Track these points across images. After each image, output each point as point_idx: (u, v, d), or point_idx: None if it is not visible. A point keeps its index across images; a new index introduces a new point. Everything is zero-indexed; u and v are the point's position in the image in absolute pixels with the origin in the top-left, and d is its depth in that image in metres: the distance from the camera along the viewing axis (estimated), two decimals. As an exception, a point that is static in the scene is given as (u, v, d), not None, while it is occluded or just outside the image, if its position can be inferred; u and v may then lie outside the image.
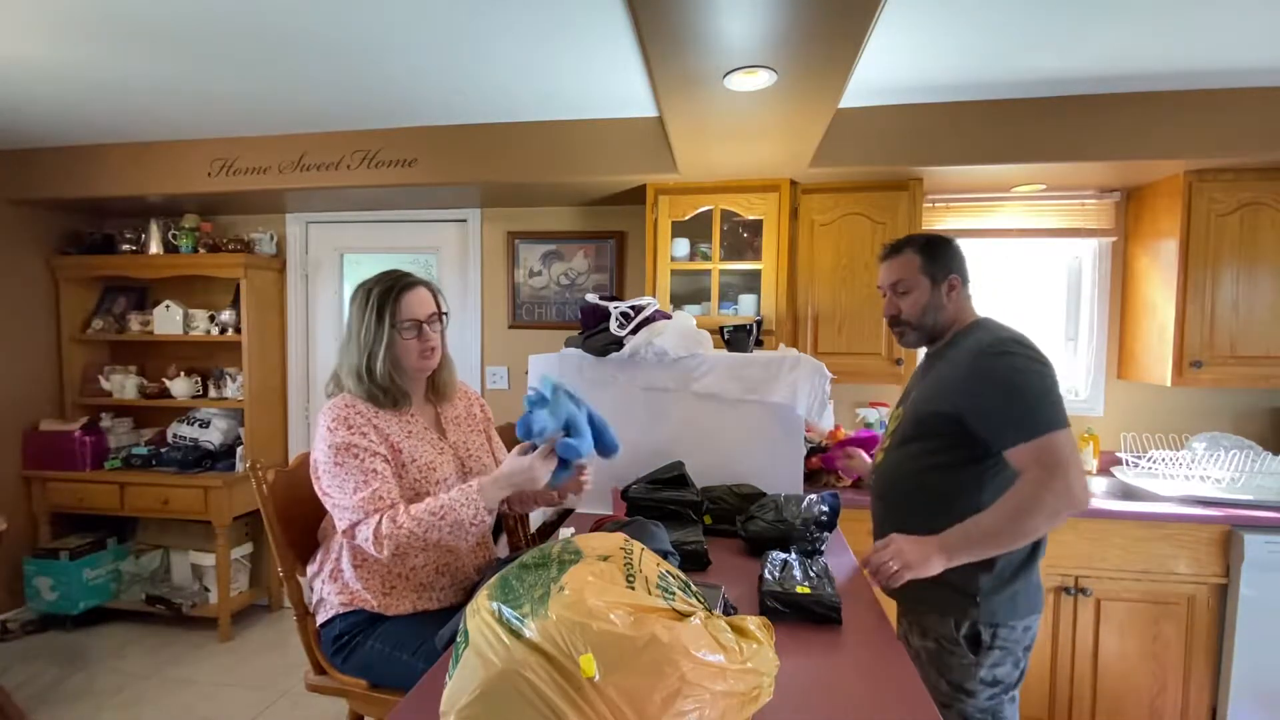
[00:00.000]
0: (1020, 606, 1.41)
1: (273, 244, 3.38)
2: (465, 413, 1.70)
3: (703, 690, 0.71)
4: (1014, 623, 1.40)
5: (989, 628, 1.40)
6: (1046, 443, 1.27)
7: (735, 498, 1.78)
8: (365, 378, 1.47)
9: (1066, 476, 1.25)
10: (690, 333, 1.99)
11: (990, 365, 1.36)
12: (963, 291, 1.53)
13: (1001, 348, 1.37)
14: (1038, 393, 1.31)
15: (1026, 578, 1.42)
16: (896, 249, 1.57)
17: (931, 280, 1.52)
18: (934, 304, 1.52)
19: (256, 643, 3.12)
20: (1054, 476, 1.25)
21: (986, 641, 1.40)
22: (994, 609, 1.39)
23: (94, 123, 2.75)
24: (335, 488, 1.40)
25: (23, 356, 3.23)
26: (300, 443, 3.47)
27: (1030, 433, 1.29)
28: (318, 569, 1.54)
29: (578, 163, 2.67)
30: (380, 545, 1.35)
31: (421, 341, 1.51)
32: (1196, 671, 2.25)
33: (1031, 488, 1.27)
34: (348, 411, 1.45)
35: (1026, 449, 1.29)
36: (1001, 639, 1.40)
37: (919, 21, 1.83)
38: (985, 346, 1.39)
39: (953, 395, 1.41)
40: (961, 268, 1.53)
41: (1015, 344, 1.37)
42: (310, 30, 1.93)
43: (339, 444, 1.40)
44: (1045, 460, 1.26)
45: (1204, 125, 2.28)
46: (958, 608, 1.41)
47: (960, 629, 1.41)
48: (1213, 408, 2.77)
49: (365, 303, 1.48)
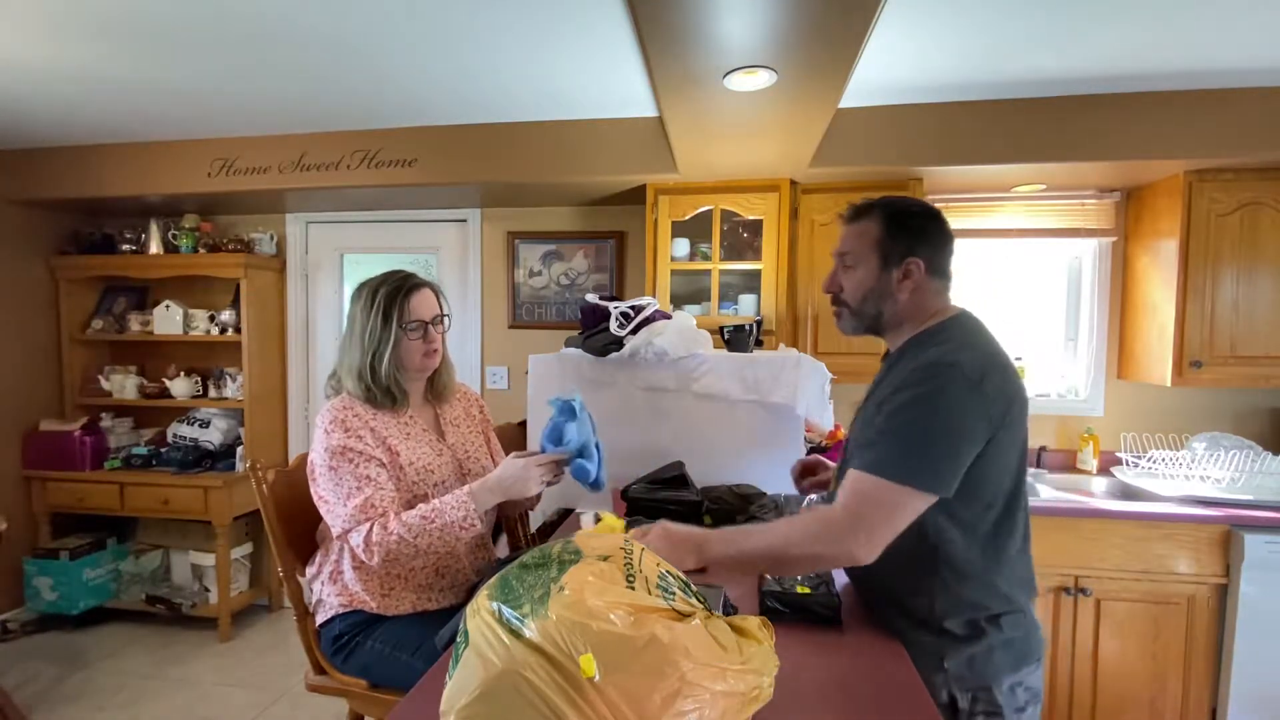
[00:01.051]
0: (1002, 662, 1.13)
1: (273, 244, 3.38)
2: (464, 414, 1.70)
3: (703, 690, 0.70)
4: (1001, 680, 1.13)
5: (965, 693, 1.13)
6: (874, 486, 1.05)
7: (735, 498, 1.77)
8: (367, 377, 1.47)
9: (863, 532, 1.04)
10: (690, 333, 1.99)
11: (926, 378, 1.09)
12: (927, 281, 1.21)
13: (931, 371, 1.09)
14: (922, 435, 1.06)
15: (1013, 624, 1.14)
16: (860, 212, 1.26)
17: (883, 260, 1.21)
18: (880, 289, 1.22)
19: (256, 643, 3.12)
20: (852, 524, 1.05)
21: (965, 708, 1.13)
22: (966, 671, 1.13)
23: (94, 123, 2.74)
24: (330, 493, 1.41)
25: (23, 356, 3.23)
26: (300, 443, 3.47)
27: (869, 466, 1.07)
28: (317, 570, 1.54)
29: (578, 163, 2.67)
30: (370, 552, 1.35)
31: (426, 343, 1.52)
32: (1196, 671, 2.25)
33: (812, 522, 1.09)
34: (345, 414, 1.45)
35: (853, 476, 1.09)
36: (984, 704, 1.13)
37: (919, 21, 1.83)
38: (932, 360, 1.11)
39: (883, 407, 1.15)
40: (933, 250, 1.21)
41: (949, 370, 1.08)
42: (310, 30, 1.93)
43: (334, 448, 1.41)
44: (855, 500, 1.07)
45: (1204, 125, 2.28)
46: (924, 675, 1.07)
47: (935, 696, 1.07)
48: (1213, 408, 2.77)
49: (371, 302, 1.48)
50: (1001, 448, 1.10)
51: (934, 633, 1.15)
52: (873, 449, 1.10)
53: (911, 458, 1.06)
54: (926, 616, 1.15)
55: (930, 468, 1.06)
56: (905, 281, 1.21)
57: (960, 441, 1.07)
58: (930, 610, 1.15)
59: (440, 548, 1.39)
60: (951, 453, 1.06)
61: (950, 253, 1.25)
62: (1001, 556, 1.16)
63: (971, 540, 1.14)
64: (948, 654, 1.13)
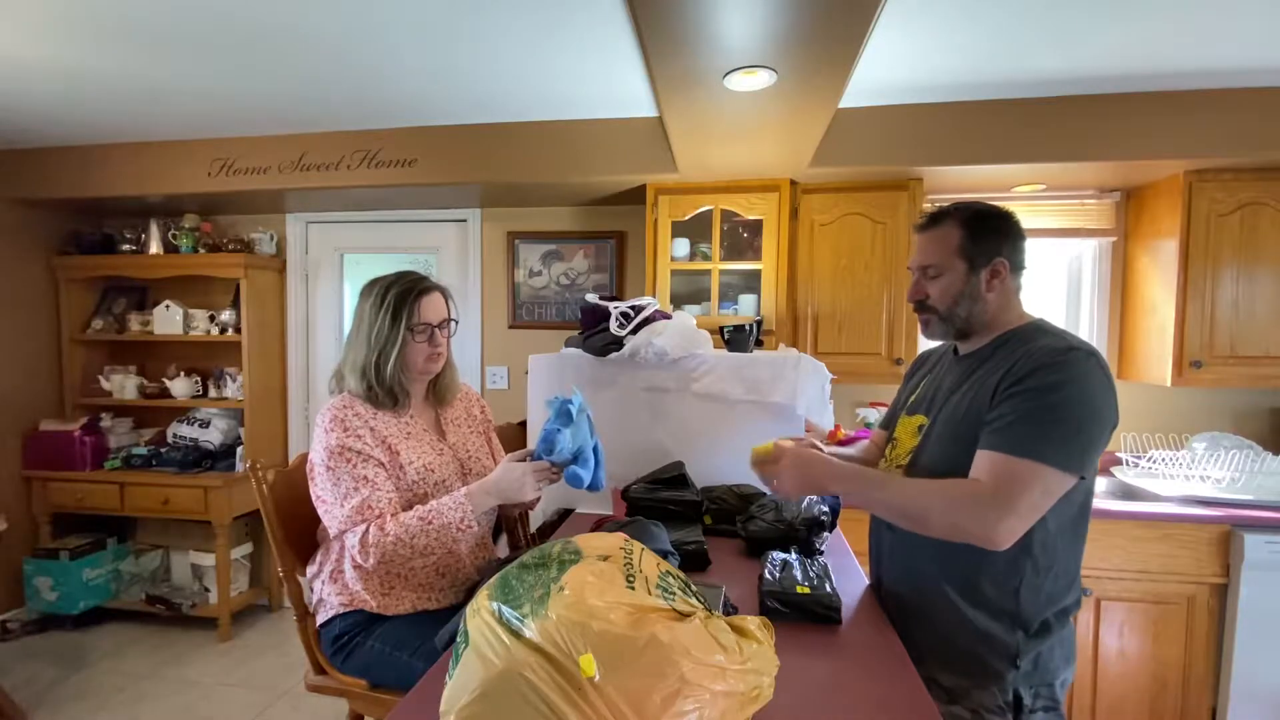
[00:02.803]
0: (1060, 658, 1.19)
1: (273, 244, 3.38)
2: (465, 414, 1.70)
3: (703, 690, 0.71)
4: (1060, 676, 1.20)
5: (1030, 689, 1.17)
6: (1028, 469, 1.05)
7: (735, 498, 1.77)
8: (371, 375, 1.47)
9: (1006, 510, 1.04)
10: (690, 333, 1.99)
11: (1059, 368, 1.10)
12: (1011, 282, 1.24)
13: (1072, 357, 1.11)
14: (1084, 422, 1.07)
15: (1065, 623, 1.19)
16: (936, 219, 1.28)
17: (969, 264, 1.23)
18: (970, 293, 1.24)
19: (256, 643, 3.12)
20: (995, 502, 1.05)
21: (1029, 704, 1.17)
22: (1033, 666, 1.16)
23: (94, 123, 2.75)
24: (327, 494, 1.41)
25: (23, 356, 3.23)
26: (300, 443, 3.47)
27: (1015, 448, 1.07)
28: (317, 570, 1.54)
29: (578, 163, 2.67)
30: (366, 553, 1.36)
31: (431, 345, 1.52)
32: (1196, 671, 2.25)
33: (960, 493, 1.09)
34: (345, 413, 1.45)
35: (1003, 460, 1.07)
36: (1045, 698, 1.18)
37: (919, 21, 1.83)
38: (1058, 351, 1.12)
39: (990, 394, 1.16)
40: (1014, 249, 1.24)
41: (1089, 358, 1.11)
42: (310, 30, 1.93)
43: (333, 447, 1.41)
44: (1005, 483, 1.06)
45: (1204, 125, 2.28)
46: (994, 673, 1.17)
47: (1002, 695, 1.17)
48: (1213, 408, 2.77)
49: (381, 302, 1.48)
50: None
51: (1011, 627, 1.16)
52: (1012, 430, 1.09)
53: (1059, 439, 1.06)
54: (1010, 609, 1.16)
55: (1079, 450, 1.07)
56: (994, 281, 1.23)
57: (1104, 426, 1.09)
58: (1015, 603, 1.16)
59: (437, 549, 1.40)
60: (1096, 436, 1.09)
61: (1025, 249, 1.27)
62: (1075, 549, 1.19)
63: (1058, 531, 1.15)
64: (1022, 651, 1.16)
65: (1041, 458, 1.05)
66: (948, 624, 1.20)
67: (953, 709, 1.19)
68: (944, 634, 1.20)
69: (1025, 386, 1.11)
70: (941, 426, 1.26)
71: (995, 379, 1.16)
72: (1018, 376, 1.13)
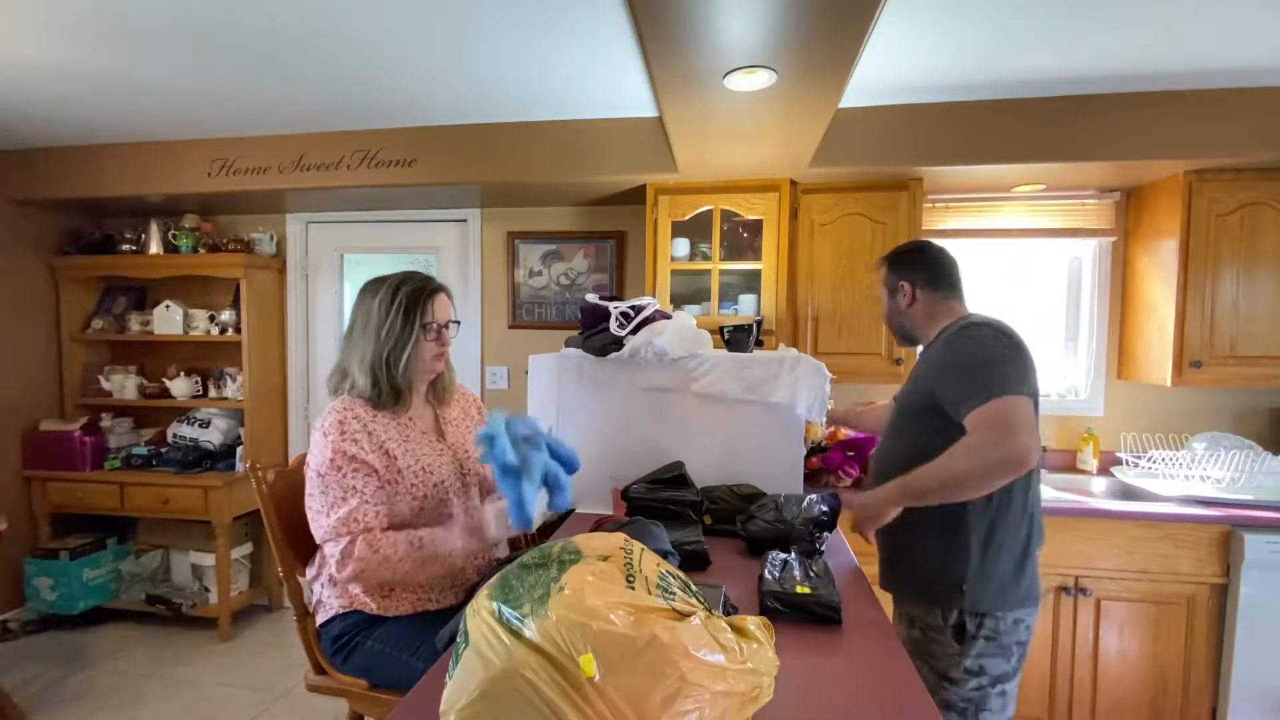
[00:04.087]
0: (1009, 598, 1.43)
1: (273, 244, 3.38)
2: (463, 414, 1.71)
3: (703, 690, 0.70)
4: (1002, 614, 1.42)
5: (974, 617, 1.43)
6: (995, 405, 1.29)
7: (735, 498, 1.77)
8: (381, 372, 1.48)
9: (1011, 436, 1.26)
10: (690, 333, 1.99)
11: (953, 343, 1.45)
12: (927, 296, 1.60)
13: (967, 330, 1.45)
14: (992, 361, 1.35)
15: (1019, 569, 1.44)
16: (881, 263, 1.73)
17: (890, 292, 1.67)
18: (895, 310, 1.68)
19: (256, 643, 3.12)
20: (998, 436, 1.27)
21: (971, 631, 1.43)
22: (978, 597, 1.42)
23: (94, 123, 2.75)
24: (316, 500, 1.42)
25: (23, 356, 3.23)
26: (300, 443, 3.47)
27: (981, 397, 1.31)
28: (317, 571, 1.54)
29: (578, 163, 2.67)
30: (344, 564, 1.36)
31: (439, 345, 1.54)
32: (1196, 671, 2.25)
33: (969, 447, 1.30)
34: (344, 416, 1.45)
35: (976, 413, 1.31)
36: (989, 629, 1.42)
37: (919, 21, 1.83)
38: (953, 331, 1.48)
39: (927, 379, 1.49)
40: (917, 271, 1.62)
41: (981, 325, 1.44)
42: (310, 30, 1.93)
43: (327, 455, 1.41)
44: (991, 421, 1.29)
45: (1204, 125, 2.28)
46: (942, 596, 1.45)
47: (947, 618, 1.45)
48: (1213, 408, 2.77)
49: (392, 300, 1.49)
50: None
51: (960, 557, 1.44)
52: (963, 396, 1.35)
53: (995, 376, 1.33)
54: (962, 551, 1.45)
55: (1009, 376, 1.33)
56: (908, 302, 1.63)
57: (1004, 359, 1.36)
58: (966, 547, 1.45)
59: (417, 577, 1.41)
60: (1009, 365, 1.35)
61: (941, 268, 1.62)
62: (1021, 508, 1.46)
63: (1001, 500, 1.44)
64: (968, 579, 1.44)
65: (993, 393, 1.31)
66: (916, 558, 1.51)
67: (912, 633, 1.51)
68: (912, 566, 1.53)
69: (946, 365, 1.45)
70: (897, 403, 1.66)
71: (923, 369, 1.54)
72: (939, 365, 1.47)
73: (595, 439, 1.98)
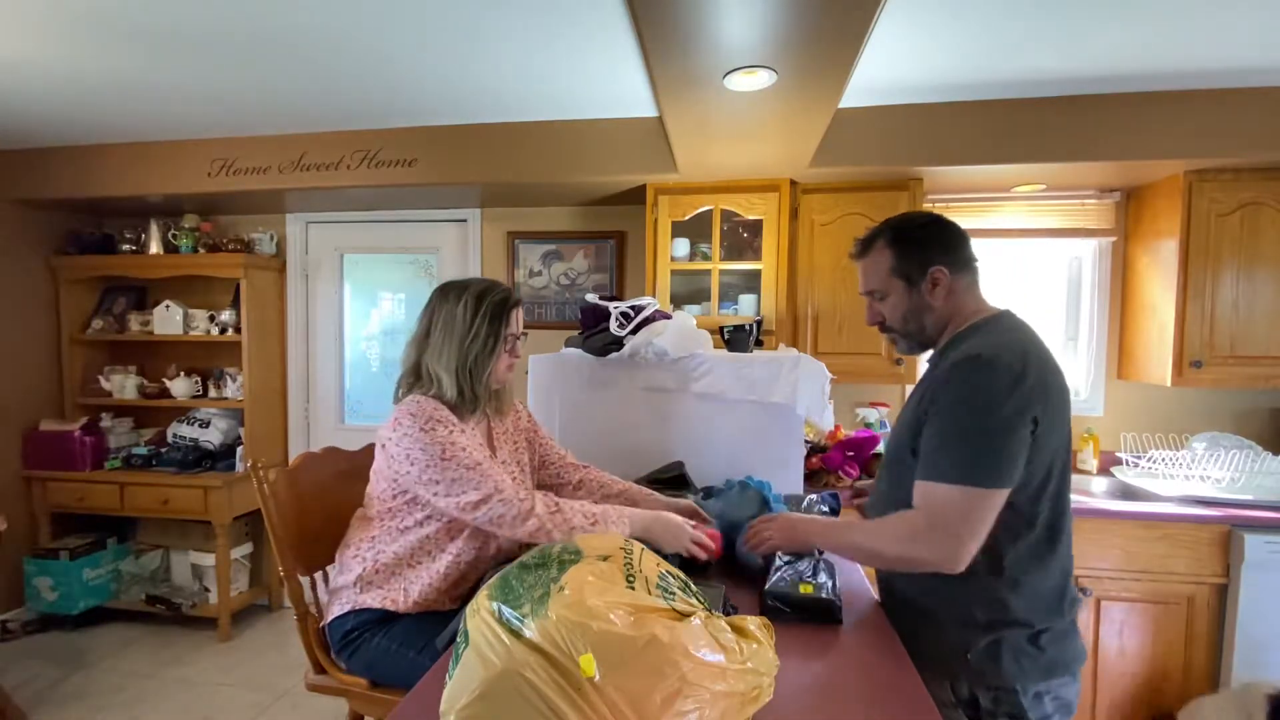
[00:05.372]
0: (1029, 668, 1.12)
1: (273, 244, 3.38)
2: (513, 427, 1.72)
3: (703, 690, 0.71)
4: (1021, 686, 1.12)
5: (988, 691, 1.13)
6: (951, 495, 1.07)
7: (735, 498, 1.77)
8: (464, 379, 1.47)
9: (947, 539, 1.07)
10: (690, 333, 1.99)
11: (957, 379, 1.12)
12: (956, 282, 1.23)
13: (975, 363, 1.11)
14: (981, 430, 1.07)
15: (1048, 630, 1.13)
16: (867, 245, 1.30)
17: (907, 280, 1.25)
18: (916, 306, 1.25)
19: (256, 643, 3.12)
20: (934, 533, 1.08)
21: (988, 707, 1.13)
22: (986, 669, 1.13)
23: (94, 123, 2.75)
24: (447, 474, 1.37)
25: (23, 356, 3.23)
26: (300, 443, 3.47)
27: (944, 473, 1.09)
28: (355, 551, 1.50)
29: (578, 163, 2.67)
30: (521, 519, 1.35)
31: (511, 356, 1.55)
32: (1196, 672, 2.25)
33: (900, 533, 1.12)
34: (441, 413, 1.43)
35: (930, 490, 1.10)
36: (1009, 706, 1.12)
37: (919, 21, 1.83)
38: (959, 360, 1.13)
39: (929, 410, 1.16)
40: (950, 254, 1.24)
41: (985, 365, 1.10)
42: (311, 30, 1.93)
43: (443, 439, 1.39)
44: (938, 513, 1.08)
45: (1204, 125, 2.28)
46: (945, 665, 1.15)
47: (956, 692, 1.15)
48: (1213, 408, 2.77)
49: (478, 308, 1.48)
50: (1039, 441, 1.10)
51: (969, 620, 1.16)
52: (933, 457, 1.11)
53: (971, 459, 1.07)
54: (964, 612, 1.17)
55: (996, 464, 1.06)
56: (937, 289, 1.24)
57: (1012, 429, 1.07)
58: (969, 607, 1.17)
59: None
60: (1007, 443, 1.07)
61: (964, 246, 1.26)
62: (1049, 567, 1.16)
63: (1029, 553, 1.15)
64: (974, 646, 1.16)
65: (963, 480, 1.07)
66: (917, 623, 1.20)
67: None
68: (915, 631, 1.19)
69: (939, 406, 1.13)
70: (894, 431, 1.29)
71: (929, 383, 1.20)
72: (934, 395, 1.15)
73: (595, 439, 1.98)
